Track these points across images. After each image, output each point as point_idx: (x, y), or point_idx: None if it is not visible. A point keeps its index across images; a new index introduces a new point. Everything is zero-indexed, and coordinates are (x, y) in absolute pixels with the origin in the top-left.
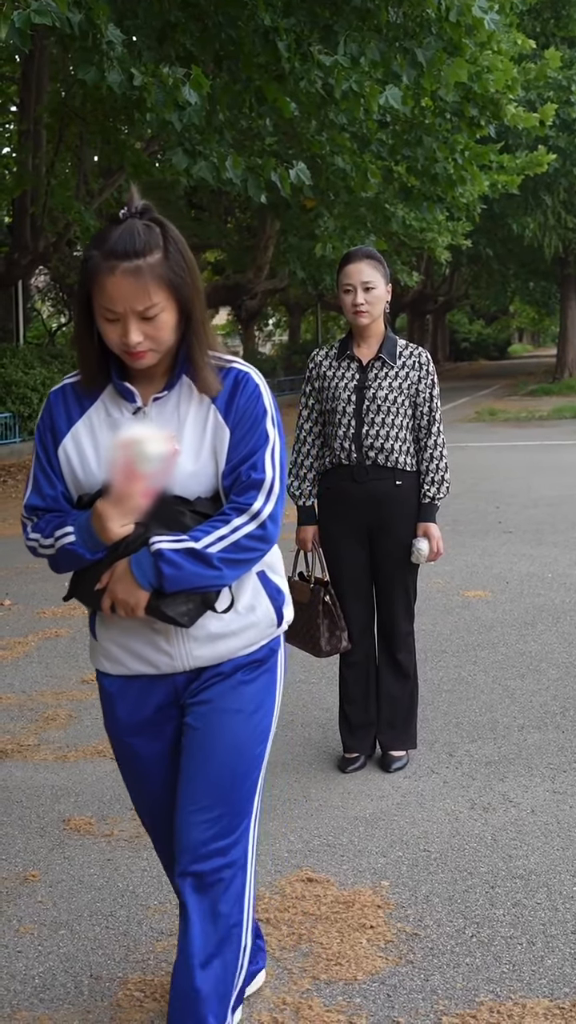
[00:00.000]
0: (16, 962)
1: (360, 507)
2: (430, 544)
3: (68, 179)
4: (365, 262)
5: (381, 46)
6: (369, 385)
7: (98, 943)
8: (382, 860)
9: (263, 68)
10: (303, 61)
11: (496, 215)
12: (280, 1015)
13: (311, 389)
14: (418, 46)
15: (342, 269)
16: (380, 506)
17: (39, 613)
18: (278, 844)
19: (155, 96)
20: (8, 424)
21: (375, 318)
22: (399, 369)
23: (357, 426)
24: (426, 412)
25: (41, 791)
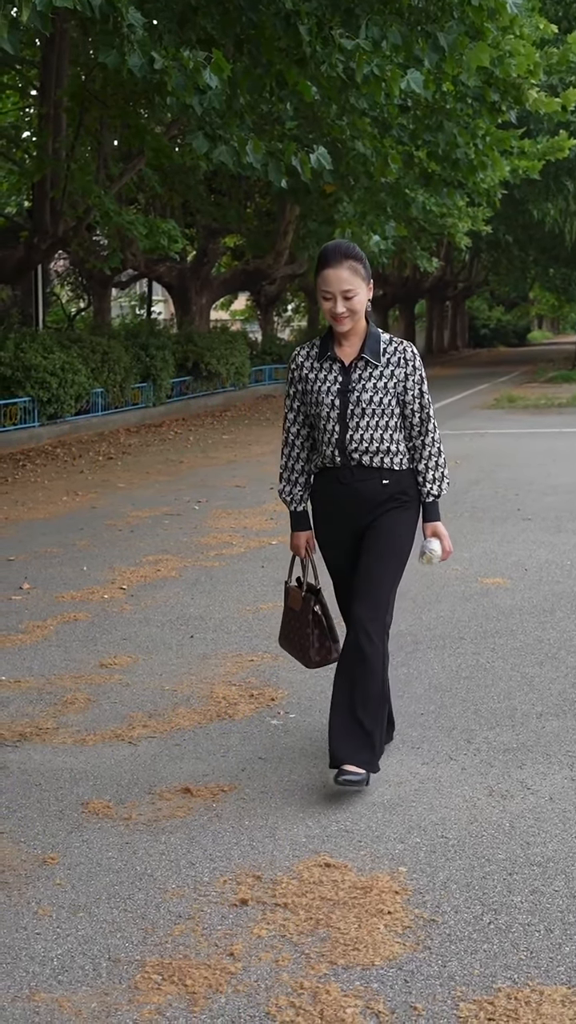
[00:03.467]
0: (35, 944)
1: (347, 508)
2: (441, 543)
3: (88, 163)
4: (344, 267)
5: (403, 30)
6: (352, 388)
7: (116, 926)
8: (400, 846)
9: (284, 52)
10: (324, 45)
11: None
12: (298, 999)
13: (295, 392)
14: (440, 30)
15: (320, 273)
16: (366, 504)
17: (57, 597)
18: (296, 829)
19: (176, 80)
20: (27, 408)
21: (357, 321)
22: (384, 368)
23: (341, 431)
24: (417, 410)
25: (60, 774)
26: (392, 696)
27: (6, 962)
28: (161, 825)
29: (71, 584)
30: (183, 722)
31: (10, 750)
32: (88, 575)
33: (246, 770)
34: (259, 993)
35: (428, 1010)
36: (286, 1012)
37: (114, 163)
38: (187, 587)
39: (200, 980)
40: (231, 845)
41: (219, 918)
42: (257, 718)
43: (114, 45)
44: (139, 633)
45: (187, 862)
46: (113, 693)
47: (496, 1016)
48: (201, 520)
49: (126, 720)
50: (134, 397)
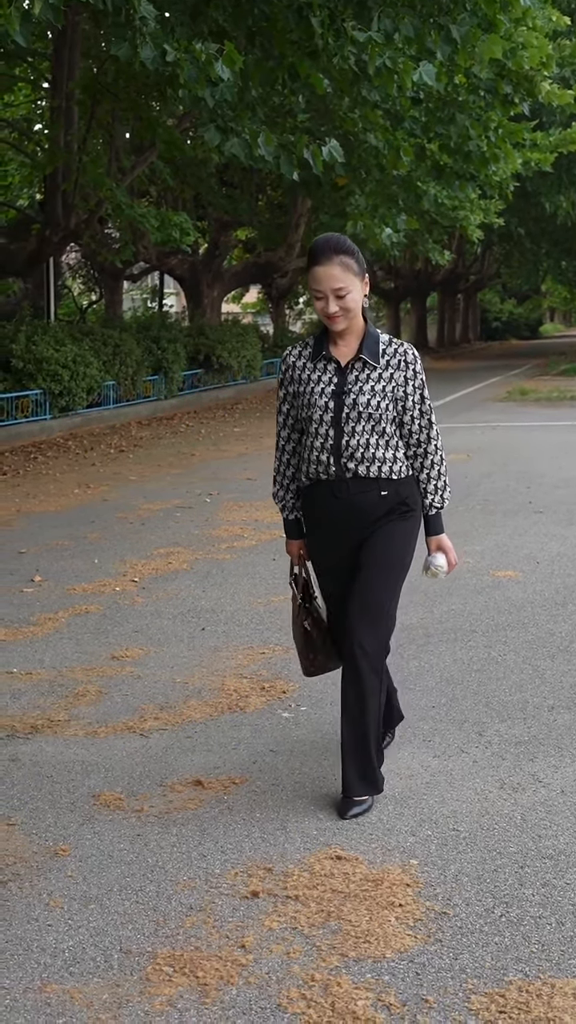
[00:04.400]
0: (46, 935)
1: (343, 525)
2: (447, 556)
3: (100, 156)
4: (335, 263)
5: (415, 22)
6: (348, 390)
7: (128, 917)
8: (411, 839)
9: (296, 44)
10: (336, 37)
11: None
12: (309, 991)
13: (286, 394)
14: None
15: (310, 270)
16: (364, 517)
17: (69, 590)
18: (307, 822)
19: (188, 72)
20: (39, 401)
21: (352, 319)
22: (382, 370)
23: (336, 437)
24: (416, 416)
25: (71, 766)
26: (403, 689)
27: (18, 953)
28: (172, 817)
29: (83, 577)
30: (194, 714)
31: (22, 742)
32: (100, 568)
33: (257, 763)
34: (270, 985)
35: (439, 1003)
36: (297, 1004)
37: (126, 156)
38: (198, 580)
39: (211, 972)
40: (242, 837)
41: (230, 910)
42: (268, 711)
43: (126, 37)
44: (150, 626)
45: (198, 854)
46: (124, 685)
47: (507, 1009)
48: (212, 513)
49: (137, 712)
50: (146, 390)
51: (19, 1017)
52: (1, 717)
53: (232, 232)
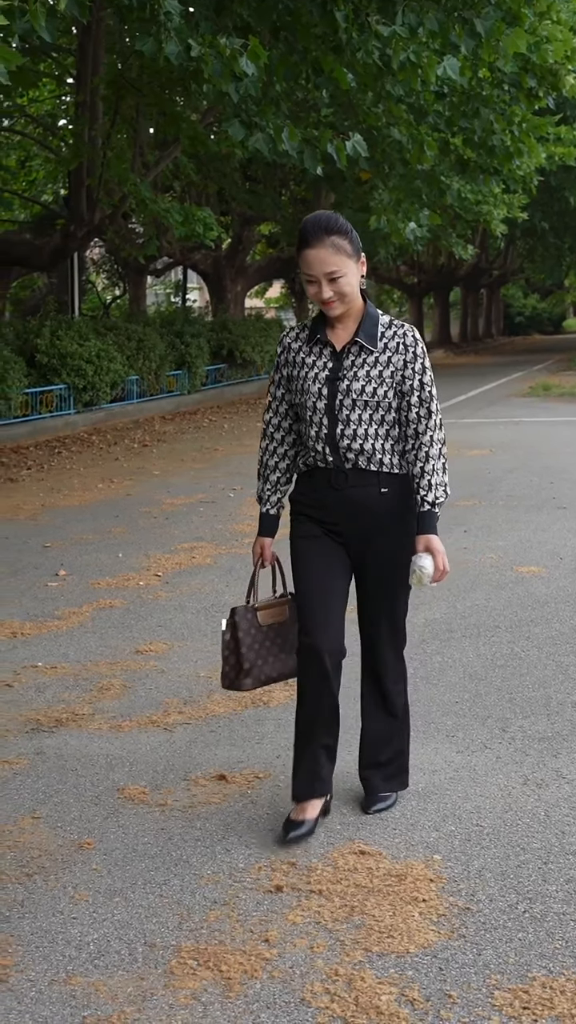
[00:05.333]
0: (71, 928)
1: (339, 517)
2: (434, 560)
3: (124, 151)
4: (327, 244)
5: (439, 16)
6: (343, 375)
7: (152, 911)
8: (434, 834)
9: (320, 39)
10: (360, 32)
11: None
12: (332, 986)
13: (280, 377)
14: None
15: (300, 253)
16: (362, 516)
17: (93, 584)
18: (331, 817)
19: (212, 67)
20: (63, 396)
21: (350, 303)
22: (379, 354)
23: (330, 425)
24: (415, 403)
25: (95, 760)
26: (427, 684)
27: (43, 946)
28: (196, 811)
29: (106, 571)
30: (218, 709)
31: (46, 735)
32: (123, 562)
33: (281, 757)
34: (294, 979)
35: (463, 998)
36: (321, 999)
37: (150, 151)
38: (222, 574)
39: (235, 966)
40: (266, 832)
41: (254, 904)
42: (292, 705)
43: (151, 33)
44: (174, 620)
45: (222, 848)
46: (148, 680)
47: (531, 1005)
48: (236, 507)
49: (161, 706)
50: (169, 385)
51: (45, 1009)
52: (26, 710)
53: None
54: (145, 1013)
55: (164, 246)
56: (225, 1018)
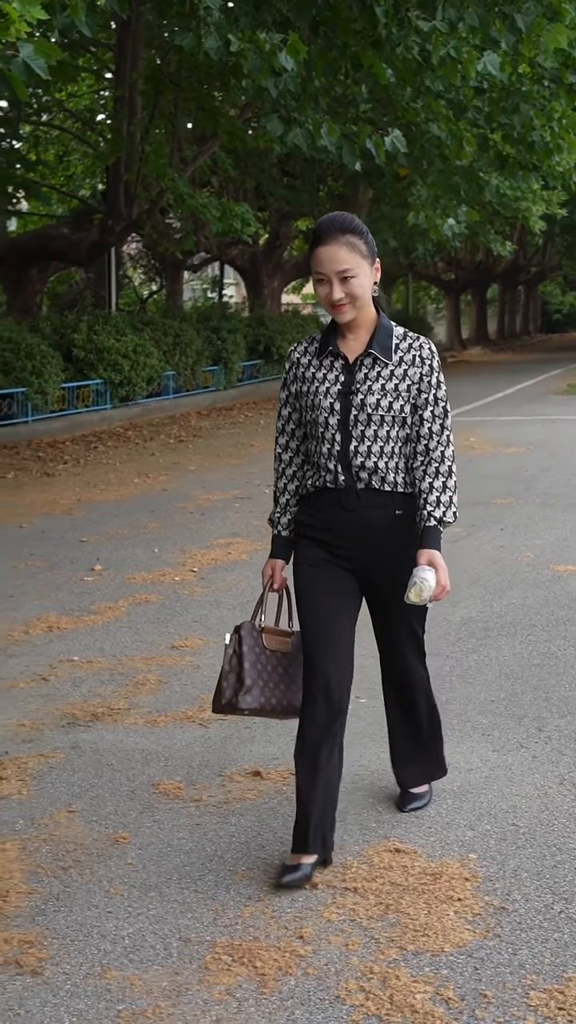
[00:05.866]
0: (106, 922)
1: (348, 541)
2: (437, 575)
3: (162, 146)
4: (340, 243)
5: (480, 11)
6: (357, 389)
7: (187, 906)
8: (470, 833)
9: (360, 34)
10: (400, 27)
11: None
12: (367, 984)
13: (288, 395)
14: (517, 11)
15: (312, 251)
16: (374, 540)
17: (129, 579)
18: (366, 814)
19: (251, 62)
20: (99, 391)
21: (361, 308)
22: (395, 367)
23: (343, 441)
24: (428, 419)
25: (131, 755)
26: (463, 683)
27: (78, 939)
28: (231, 807)
29: (142, 566)
30: None
31: (82, 730)
32: (159, 557)
33: None
34: (329, 977)
35: (498, 998)
36: (356, 996)
37: (188, 146)
38: (257, 570)
39: (270, 962)
40: None
41: (289, 901)
42: None
43: (190, 28)
44: (210, 616)
45: (257, 844)
46: (184, 675)
47: (567, 1005)
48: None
49: (197, 702)
50: (205, 380)
51: (80, 1002)
52: (62, 705)
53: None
54: (180, 1008)
55: (201, 241)
56: (260, 1014)
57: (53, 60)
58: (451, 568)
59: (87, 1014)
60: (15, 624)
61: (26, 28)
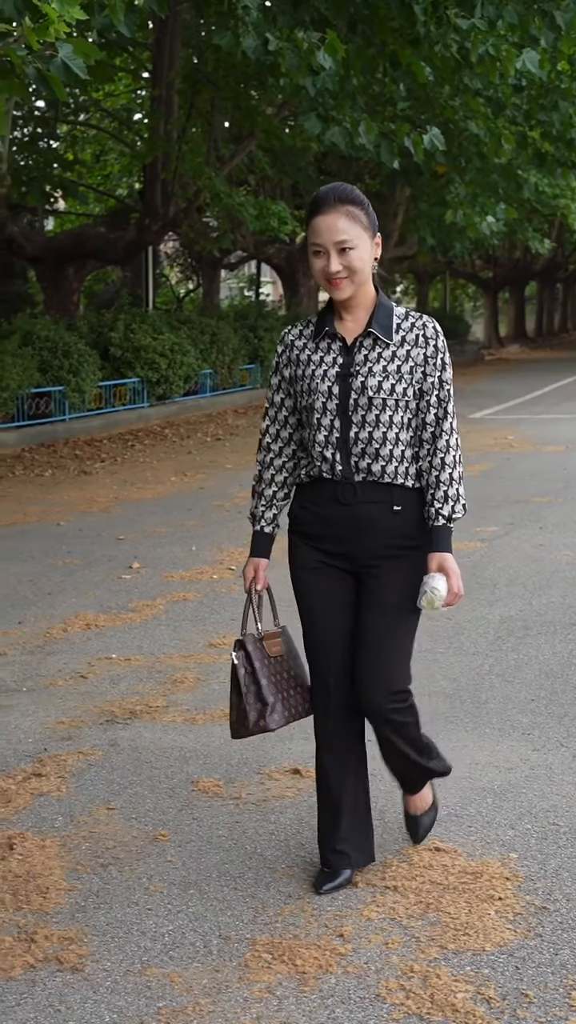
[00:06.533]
0: (146, 919)
1: (343, 537)
2: (448, 582)
3: (199, 145)
4: (340, 212)
5: (519, 9)
6: (356, 371)
7: (226, 904)
8: (510, 832)
9: (398, 32)
10: (439, 25)
11: None
12: (408, 983)
13: (280, 380)
14: (556, 8)
15: (309, 222)
16: (370, 536)
17: (166, 577)
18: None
19: (289, 61)
20: (136, 389)
21: (360, 285)
22: (397, 347)
23: (343, 427)
24: (433, 403)
25: (169, 752)
26: (502, 682)
27: (118, 936)
28: (271, 805)
29: (180, 564)
30: None
31: (121, 727)
32: (196, 555)
33: None
34: (369, 975)
35: (539, 998)
36: (396, 995)
37: (225, 145)
38: None
39: (310, 960)
40: None
41: (328, 899)
42: None
43: (228, 27)
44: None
45: (296, 843)
46: (222, 673)
47: None
48: None
49: None
50: (242, 378)
51: (120, 999)
52: (100, 702)
53: None
54: (220, 1006)
55: (238, 240)
56: (300, 1012)
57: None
58: (489, 567)
59: (127, 1011)
60: (54, 622)
61: (65, 28)
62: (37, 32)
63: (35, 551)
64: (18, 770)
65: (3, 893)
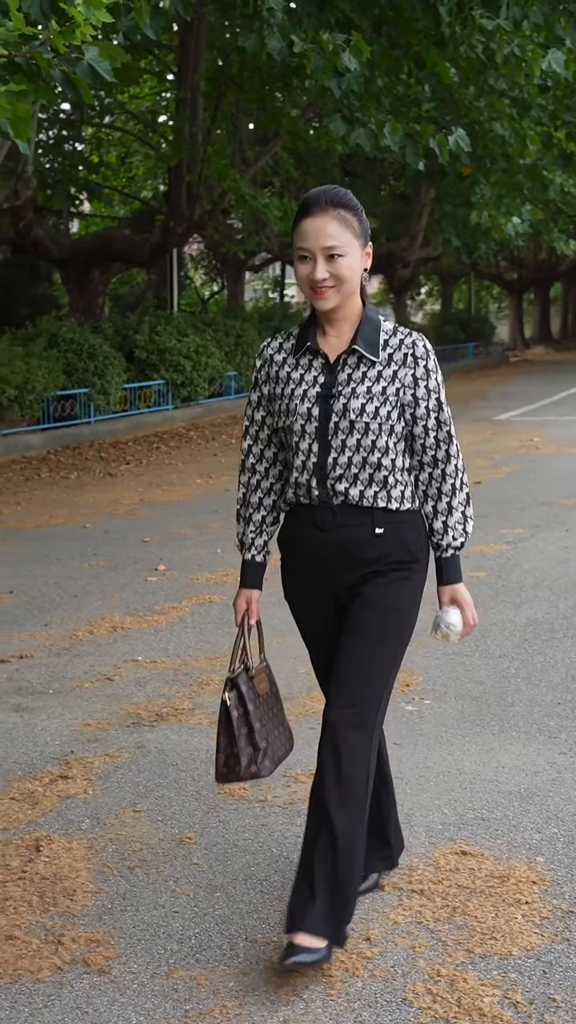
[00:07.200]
0: (173, 922)
1: (327, 564)
2: (463, 614)
3: (224, 147)
4: (330, 216)
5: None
6: (338, 392)
7: (253, 907)
8: (537, 836)
9: (423, 33)
10: (464, 25)
11: None
12: (435, 987)
13: (260, 396)
14: None
15: (296, 225)
16: (353, 561)
17: (192, 579)
18: (432, 816)
19: (315, 63)
20: (161, 391)
21: (347, 296)
22: (383, 366)
23: (321, 452)
24: (432, 427)
25: (196, 755)
26: (528, 684)
27: (145, 939)
28: (296, 808)
29: (205, 566)
30: (317, 706)
31: (147, 730)
32: (222, 557)
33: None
34: (396, 979)
35: (567, 1002)
36: (423, 999)
37: (250, 147)
38: None
39: (337, 964)
40: None
41: None
42: (392, 703)
43: (254, 29)
44: (273, 616)
45: None
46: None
47: None
48: None
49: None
50: None
51: (147, 1001)
52: (126, 704)
53: None
54: (247, 1008)
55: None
56: (327, 1015)
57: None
58: (515, 569)
59: (154, 1013)
60: (80, 624)
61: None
62: (63, 35)
63: (61, 553)
64: (45, 772)
65: (30, 895)
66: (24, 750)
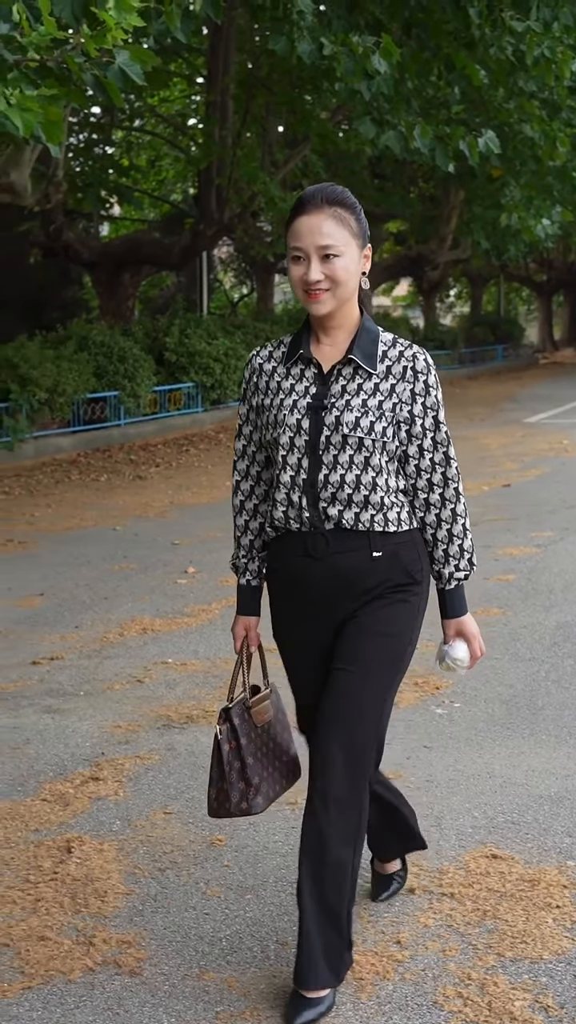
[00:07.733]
0: (204, 924)
1: (320, 595)
2: (469, 647)
3: (253, 150)
4: (326, 214)
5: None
6: (331, 403)
7: (283, 909)
8: (568, 840)
9: (452, 35)
10: (494, 27)
11: None
12: (465, 990)
13: (248, 410)
14: None
15: (290, 223)
16: (349, 591)
17: (222, 581)
18: (462, 820)
19: (344, 65)
20: (191, 394)
21: (342, 301)
22: (380, 379)
23: (311, 468)
24: (428, 448)
25: None
26: (558, 688)
27: (176, 940)
28: None
29: None
30: None
31: (177, 732)
32: None
33: (411, 758)
34: (426, 982)
35: None
36: (453, 1002)
37: (279, 149)
38: None
39: (367, 966)
40: None
41: (385, 906)
42: (422, 706)
43: (284, 32)
44: None
45: None
46: (277, 678)
47: None
48: None
49: (291, 705)
50: None
51: (178, 1003)
52: (157, 707)
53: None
54: (278, 1011)
55: None
56: (357, 1018)
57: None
58: (545, 572)
59: (185, 1015)
60: (110, 626)
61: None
62: (95, 39)
63: (91, 556)
64: (76, 774)
65: (62, 896)
66: (55, 752)
